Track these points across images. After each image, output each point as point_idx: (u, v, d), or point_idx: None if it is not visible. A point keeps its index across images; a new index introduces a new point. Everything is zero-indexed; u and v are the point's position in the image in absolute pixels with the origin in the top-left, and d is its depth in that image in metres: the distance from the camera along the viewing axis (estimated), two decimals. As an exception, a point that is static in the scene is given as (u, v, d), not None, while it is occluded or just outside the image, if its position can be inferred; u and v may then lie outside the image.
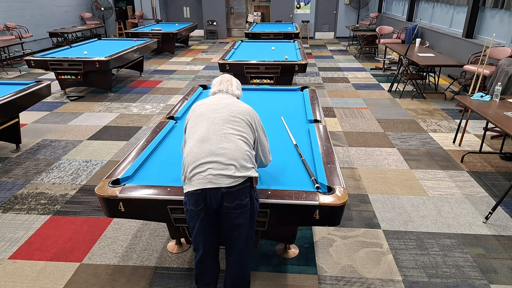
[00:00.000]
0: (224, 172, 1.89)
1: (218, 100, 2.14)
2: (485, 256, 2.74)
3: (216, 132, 1.97)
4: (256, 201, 2.00)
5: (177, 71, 8.61)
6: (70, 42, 10.95)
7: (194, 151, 1.95)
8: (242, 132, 2.00)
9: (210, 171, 1.89)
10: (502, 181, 3.76)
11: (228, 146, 1.93)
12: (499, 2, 6.36)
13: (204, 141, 1.95)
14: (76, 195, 3.54)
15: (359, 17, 13.64)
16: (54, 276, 2.55)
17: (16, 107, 4.20)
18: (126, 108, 6.01)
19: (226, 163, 1.90)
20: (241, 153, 1.94)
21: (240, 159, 1.92)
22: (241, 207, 1.93)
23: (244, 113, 2.08)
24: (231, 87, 2.25)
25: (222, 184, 1.88)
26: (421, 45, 7.77)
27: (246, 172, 1.92)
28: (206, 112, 2.06)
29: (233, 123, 2.01)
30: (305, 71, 5.81)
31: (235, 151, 1.93)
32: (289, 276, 2.54)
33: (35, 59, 6.18)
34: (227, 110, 2.06)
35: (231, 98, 2.18)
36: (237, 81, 2.32)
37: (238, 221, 1.96)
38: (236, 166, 1.90)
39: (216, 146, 1.93)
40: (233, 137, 1.97)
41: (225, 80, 2.28)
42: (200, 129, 2.00)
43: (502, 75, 4.80)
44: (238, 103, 2.13)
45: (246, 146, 1.98)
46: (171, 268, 2.62)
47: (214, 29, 13.91)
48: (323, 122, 3.09)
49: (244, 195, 1.93)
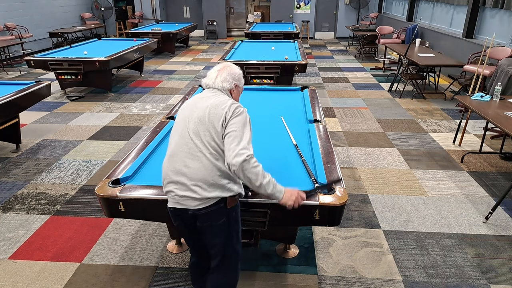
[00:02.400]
0: (188, 194, 1.76)
1: (197, 101, 1.89)
2: (485, 256, 2.74)
3: (183, 147, 1.79)
4: (234, 222, 1.87)
5: (177, 71, 8.61)
6: (70, 42, 10.95)
7: (165, 167, 1.85)
8: (214, 144, 1.76)
9: (176, 191, 1.79)
10: (502, 181, 3.76)
11: (193, 164, 1.75)
12: (499, 2, 6.36)
13: (172, 156, 1.82)
14: (76, 195, 3.54)
15: (359, 17, 13.64)
16: (54, 276, 2.55)
17: (16, 107, 4.20)
18: (126, 108, 6.01)
19: (189, 184, 1.75)
20: (209, 171, 1.74)
21: (207, 179, 1.74)
22: (215, 227, 1.82)
23: (219, 117, 1.78)
24: (216, 79, 1.93)
25: (189, 206, 1.77)
26: (421, 45, 7.77)
27: (215, 192, 1.75)
28: (181, 119, 1.88)
29: (204, 134, 1.77)
30: (305, 71, 5.81)
31: (200, 170, 1.74)
32: (289, 276, 2.54)
33: (35, 59, 6.18)
34: (200, 118, 1.80)
35: (214, 96, 1.88)
36: (230, 71, 1.96)
37: (215, 241, 1.88)
38: (201, 187, 1.74)
39: (181, 165, 1.77)
40: (199, 153, 1.75)
41: (214, 71, 1.98)
42: (172, 140, 1.87)
43: (502, 75, 4.80)
44: (218, 105, 1.82)
45: (217, 162, 1.75)
46: (171, 268, 2.62)
47: (214, 29, 13.91)
48: (323, 122, 3.09)
49: (218, 217, 1.80)
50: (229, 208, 1.82)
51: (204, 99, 1.89)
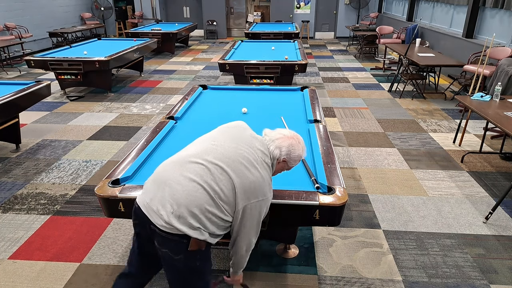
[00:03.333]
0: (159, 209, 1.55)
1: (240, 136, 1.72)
2: (485, 256, 2.73)
3: (186, 159, 1.63)
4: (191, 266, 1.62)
5: (177, 71, 8.61)
6: (70, 42, 10.95)
7: (160, 168, 1.69)
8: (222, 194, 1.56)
9: (149, 197, 1.60)
10: (502, 181, 3.75)
11: (186, 186, 1.55)
12: (499, 2, 6.36)
13: (175, 163, 1.66)
14: (76, 195, 3.54)
15: (359, 17, 13.64)
16: (54, 276, 2.55)
17: (16, 107, 4.19)
18: (126, 108, 6.00)
19: (167, 201, 1.55)
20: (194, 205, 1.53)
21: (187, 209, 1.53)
22: (170, 259, 1.61)
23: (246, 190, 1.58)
24: (275, 141, 1.71)
25: (152, 219, 1.56)
26: (421, 45, 7.77)
27: (183, 226, 1.53)
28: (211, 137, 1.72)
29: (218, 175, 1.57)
30: (305, 71, 5.81)
31: (188, 197, 1.53)
32: (289, 276, 2.54)
33: (35, 59, 6.18)
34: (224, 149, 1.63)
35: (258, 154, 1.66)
36: (291, 144, 1.72)
37: (168, 275, 1.69)
38: (175, 212, 1.53)
39: (176, 177, 1.59)
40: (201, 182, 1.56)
41: (282, 134, 1.74)
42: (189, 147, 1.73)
43: (502, 75, 4.80)
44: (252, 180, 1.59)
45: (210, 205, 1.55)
46: (171, 268, 2.61)
47: (214, 29, 13.90)
48: (323, 122, 3.09)
49: (175, 250, 1.58)
50: (189, 249, 1.57)
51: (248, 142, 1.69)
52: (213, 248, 2.76)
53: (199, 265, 1.65)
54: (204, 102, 3.80)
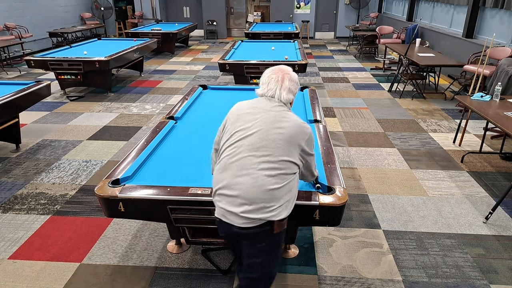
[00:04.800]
0: (235, 210, 1.67)
1: (256, 113, 1.79)
2: (485, 256, 2.73)
3: (238, 161, 1.70)
4: (277, 247, 1.80)
5: (177, 71, 8.61)
6: (70, 42, 10.95)
7: (216, 177, 1.78)
8: (273, 164, 1.67)
9: (223, 205, 1.71)
10: (502, 181, 3.75)
11: (245, 181, 1.66)
12: (499, 2, 6.36)
13: (225, 168, 1.73)
14: (76, 195, 3.54)
15: (359, 17, 13.64)
16: (54, 276, 2.55)
17: (16, 107, 4.19)
18: (126, 108, 6.00)
19: (239, 201, 1.66)
20: (260, 192, 1.64)
21: (257, 199, 1.64)
22: (256, 248, 1.75)
23: (284, 138, 1.71)
24: (280, 91, 1.82)
25: (234, 222, 1.69)
26: (421, 45, 7.77)
27: (263, 214, 1.65)
28: (238, 129, 1.77)
29: (263, 151, 1.68)
30: (305, 71, 5.81)
31: (252, 189, 1.65)
32: (289, 276, 2.54)
33: (35, 59, 6.17)
34: (260, 133, 1.72)
35: (275, 109, 1.79)
36: (291, 78, 1.85)
37: (252, 260, 1.79)
38: (250, 206, 1.65)
39: (233, 180, 1.68)
40: (256, 172, 1.66)
41: (274, 79, 1.84)
42: (226, 150, 1.78)
43: (502, 75, 4.80)
44: (280, 121, 1.75)
45: (272, 182, 1.66)
46: (171, 268, 2.62)
47: (214, 29, 13.90)
48: (323, 122, 3.09)
49: (260, 239, 1.72)
50: (275, 233, 1.72)
51: (263, 111, 1.79)
52: (214, 248, 2.77)
53: (279, 250, 1.86)
54: (204, 102, 3.80)
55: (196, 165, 2.44)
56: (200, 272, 2.58)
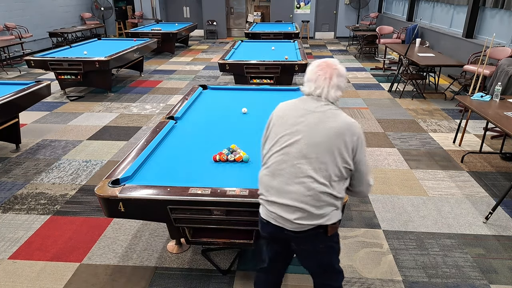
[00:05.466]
0: (288, 216, 1.64)
1: (301, 115, 1.69)
2: (485, 256, 2.73)
3: (287, 169, 1.65)
4: (334, 246, 1.78)
5: (177, 71, 8.61)
6: (70, 42, 10.95)
7: (264, 181, 1.73)
8: (322, 171, 1.61)
9: (274, 209, 1.68)
10: (502, 181, 3.75)
11: (296, 190, 1.63)
12: (499, 2, 6.36)
13: (274, 175, 1.68)
14: (76, 195, 3.54)
15: (359, 17, 13.64)
16: (54, 276, 2.55)
17: (16, 107, 4.19)
18: (126, 108, 6.00)
19: (291, 209, 1.64)
20: (312, 199, 1.62)
21: (309, 207, 1.62)
22: (313, 251, 1.75)
23: (331, 140, 1.62)
24: (327, 89, 1.69)
25: (286, 226, 1.67)
26: (421, 45, 7.77)
27: (316, 220, 1.64)
28: (283, 134, 1.69)
29: (311, 157, 1.62)
30: (305, 71, 5.79)
31: (304, 197, 1.62)
32: (289, 276, 2.54)
33: (35, 59, 6.18)
34: (307, 138, 1.64)
35: (321, 109, 1.68)
36: (339, 73, 1.71)
37: (312, 263, 1.81)
38: (302, 213, 1.63)
39: (284, 188, 1.65)
40: (306, 178, 1.62)
41: (322, 77, 1.71)
42: (274, 156, 1.71)
43: (502, 75, 4.80)
44: (326, 122, 1.65)
45: (322, 189, 1.61)
46: (171, 268, 2.62)
47: (214, 29, 13.90)
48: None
49: (314, 242, 1.71)
50: (329, 235, 1.70)
51: (309, 112, 1.69)
52: (214, 248, 2.76)
53: (337, 247, 1.81)
54: (204, 102, 3.80)
55: (196, 165, 2.44)
56: (200, 272, 2.58)
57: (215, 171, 2.35)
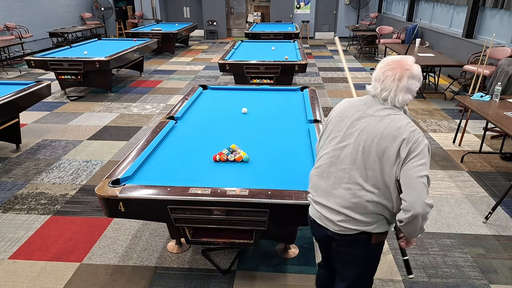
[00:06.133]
0: (332, 218, 1.63)
1: (360, 118, 1.59)
2: (485, 256, 2.74)
3: (336, 172, 1.61)
4: (375, 256, 1.74)
5: (177, 71, 8.61)
6: (70, 42, 10.95)
7: (313, 181, 1.73)
8: (371, 179, 1.54)
9: (320, 209, 1.68)
10: (502, 181, 3.76)
11: (343, 195, 1.59)
12: (499, 2, 6.36)
13: (323, 176, 1.67)
14: (76, 195, 3.54)
15: (359, 17, 13.64)
16: (54, 276, 2.55)
17: (16, 107, 4.20)
18: (126, 108, 6.01)
19: (336, 209, 1.62)
20: (358, 206, 1.57)
21: (354, 213, 1.58)
22: (353, 256, 1.70)
23: (386, 148, 1.50)
24: (395, 93, 1.54)
25: (329, 227, 1.66)
26: (421, 45, 7.77)
27: (361, 226, 1.59)
28: (339, 134, 1.63)
29: (362, 165, 1.55)
30: (305, 71, 5.81)
31: (350, 202, 1.58)
32: (289, 276, 2.54)
33: (35, 59, 6.18)
34: (361, 144, 1.55)
35: (380, 114, 1.56)
36: (412, 75, 1.54)
37: (348, 268, 1.77)
38: (347, 217, 1.60)
39: (330, 191, 1.63)
40: (355, 185, 1.57)
41: (390, 77, 1.54)
42: (324, 157, 1.67)
43: (502, 75, 4.80)
44: (383, 127, 1.52)
45: (371, 196, 1.55)
46: (171, 268, 2.62)
47: (214, 29, 13.91)
48: (323, 122, 3.09)
49: (357, 247, 1.66)
50: (372, 243, 1.64)
51: (372, 119, 1.56)
52: (214, 248, 2.77)
53: (377, 259, 1.77)
54: (204, 102, 3.81)
55: (196, 165, 2.44)
56: (200, 272, 2.59)
57: (215, 171, 2.36)
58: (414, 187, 1.46)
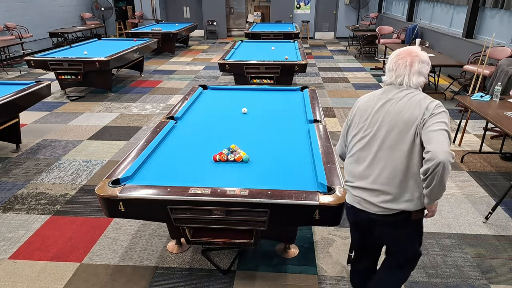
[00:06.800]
0: (373, 200, 1.75)
1: (384, 104, 1.75)
2: (485, 256, 2.74)
3: (370, 155, 1.76)
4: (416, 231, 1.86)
5: (177, 71, 8.61)
6: (70, 42, 10.95)
7: (349, 168, 1.86)
8: (403, 157, 1.68)
9: (358, 193, 1.80)
10: (502, 181, 3.76)
11: (380, 174, 1.72)
12: (499, 2, 6.36)
13: (358, 161, 1.81)
14: (76, 195, 3.54)
15: (359, 17, 13.64)
16: (54, 276, 2.55)
17: (16, 107, 4.20)
18: (126, 108, 6.01)
19: (376, 193, 1.74)
20: (395, 183, 1.70)
21: (394, 192, 1.71)
22: (397, 234, 1.83)
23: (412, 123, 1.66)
24: (408, 77, 1.73)
25: (369, 210, 1.78)
26: (421, 45, 7.76)
27: (400, 205, 1.71)
28: (367, 122, 1.78)
29: (393, 146, 1.70)
30: (305, 71, 5.81)
31: (387, 181, 1.71)
32: (289, 276, 2.54)
33: (35, 59, 6.18)
34: (388, 124, 1.71)
35: (399, 96, 1.73)
36: (420, 60, 1.73)
37: (394, 247, 1.91)
38: (386, 196, 1.72)
39: (368, 173, 1.76)
40: (388, 164, 1.70)
41: (402, 65, 1.74)
42: (356, 144, 1.82)
43: (502, 75, 4.80)
44: (406, 106, 1.70)
45: (405, 173, 1.68)
46: (171, 268, 2.62)
47: (214, 29, 13.91)
48: (323, 122, 3.09)
49: (399, 226, 1.79)
50: (412, 219, 1.76)
51: (394, 102, 1.73)
52: (214, 248, 2.77)
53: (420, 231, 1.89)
54: (204, 102, 3.81)
55: (196, 165, 2.44)
56: (200, 272, 2.59)
57: (215, 171, 2.36)
58: (436, 138, 1.58)
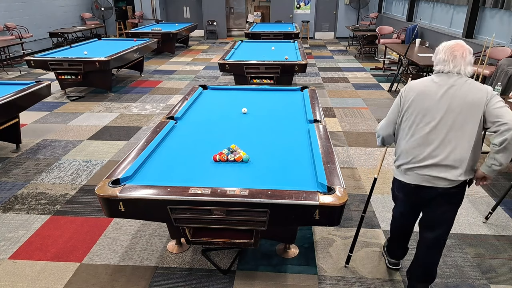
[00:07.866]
0: (444, 175, 1.98)
1: (446, 90, 1.97)
2: (485, 256, 2.74)
3: (440, 137, 1.97)
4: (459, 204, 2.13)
5: (177, 71, 8.61)
6: (70, 42, 10.95)
7: (410, 151, 2.05)
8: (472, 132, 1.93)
9: (428, 171, 2.01)
10: (502, 181, 3.76)
11: (452, 151, 1.95)
12: (499, 2, 6.36)
13: (425, 144, 2.00)
14: (76, 195, 3.54)
15: (359, 17, 13.64)
16: (54, 276, 2.55)
17: (16, 107, 4.20)
18: (126, 108, 6.01)
19: (446, 168, 1.97)
20: (463, 159, 1.95)
21: (462, 165, 1.96)
22: (451, 204, 2.09)
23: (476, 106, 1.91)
24: (464, 66, 1.98)
25: (439, 185, 2.01)
26: (421, 45, 7.77)
27: (465, 176, 1.99)
28: (428, 109, 1.99)
29: (462, 125, 1.94)
30: (305, 71, 5.81)
31: (459, 157, 1.95)
32: (289, 276, 2.54)
33: (35, 59, 6.18)
34: (457, 110, 1.94)
35: (461, 82, 1.97)
36: (470, 51, 2.00)
37: (445, 215, 2.13)
38: (457, 170, 1.97)
39: (437, 152, 1.97)
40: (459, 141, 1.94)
41: (458, 56, 1.97)
42: (423, 128, 2.00)
43: (502, 75, 4.80)
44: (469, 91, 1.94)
45: (471, 147, 1.94)
46: (171, 268, 2.62)
47: (214, 29, 13.91)
48: (323, 122, 3.09)
49: (456, 196, 2.07)
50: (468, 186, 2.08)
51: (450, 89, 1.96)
52: (214, 248, 2.77)
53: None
54: (204, 102, 3.81)
55: (196, 165, 2.44)
56: (200, 272, 2.59)
57: (215, 171, 2.36)
58: (506, 111, 1.88)
